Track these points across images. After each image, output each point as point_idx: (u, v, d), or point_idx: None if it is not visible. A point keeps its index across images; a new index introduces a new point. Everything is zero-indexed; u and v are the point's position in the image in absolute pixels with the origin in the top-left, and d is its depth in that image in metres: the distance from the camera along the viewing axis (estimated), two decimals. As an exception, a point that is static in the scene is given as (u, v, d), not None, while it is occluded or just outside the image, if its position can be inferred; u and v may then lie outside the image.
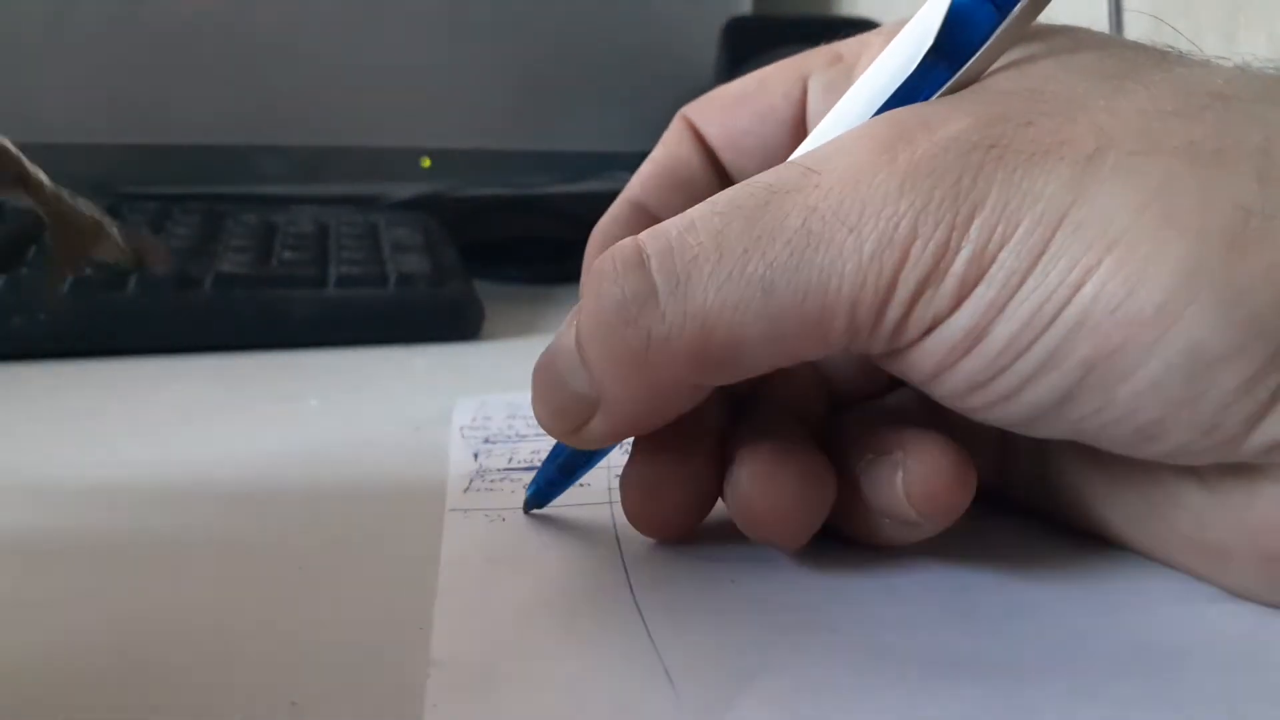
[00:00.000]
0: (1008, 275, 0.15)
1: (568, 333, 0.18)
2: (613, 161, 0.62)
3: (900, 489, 0.18)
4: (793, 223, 0.16)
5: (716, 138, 0.24)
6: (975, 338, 0.16)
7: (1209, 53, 0.18)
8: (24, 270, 0.40)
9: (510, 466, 0.26)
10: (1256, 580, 0.18)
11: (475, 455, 0.27)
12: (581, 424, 0.18)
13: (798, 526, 0.19)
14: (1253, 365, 0.15)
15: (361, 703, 0.16)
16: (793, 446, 0.19)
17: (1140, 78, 0.17)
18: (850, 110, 0.18)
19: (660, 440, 0.20)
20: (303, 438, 0.29)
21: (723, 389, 0.19)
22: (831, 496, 0.19)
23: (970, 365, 0.16)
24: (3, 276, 0.39)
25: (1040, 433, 0.17)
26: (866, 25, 0.58)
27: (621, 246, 0.17)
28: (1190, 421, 0.15)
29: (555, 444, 0.22)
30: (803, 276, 0.16)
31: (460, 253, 0.50)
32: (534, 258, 0.58)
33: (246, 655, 0.17)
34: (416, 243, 0.50)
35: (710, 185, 0.24)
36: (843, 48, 0.23)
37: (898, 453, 0.18)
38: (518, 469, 0.26)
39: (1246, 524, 0.17)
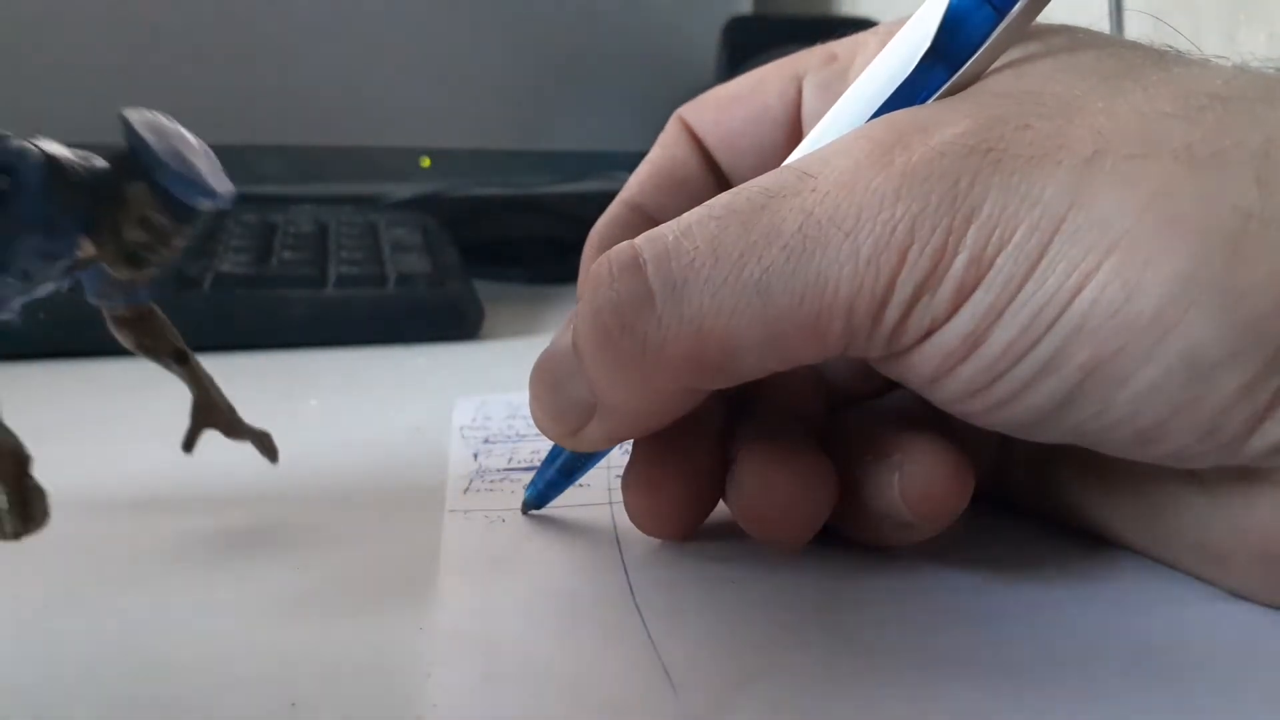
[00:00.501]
0: (1006, 279, 0.15)
1: (565, 336, 0.18)
2: (612, 161, 0.62)
3: (897, 492, 0.18)
4: (789, 227, 0.16)
5: (712, 138, 0.24)
6: (974, 342, 0.16)
7: (1209, 52, 0.18)
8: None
9: (510, 467, 0.26)
10: (1257, 582, 0.17)
11: (475, 455, 0.27)
12: (579, 427, 0.18)
13: (799, 526, 0.19)
14: (1252, 369, 0.15)
15: (361, 703, 0.16)
16: (794, 446, 0.19)
17: (1139, 78, 0.17)
18: (847, 113, 0.18)
19: (661, 440, 0.20)
20: (302, 438, 0.29)
21: (723, 389, 0.19)
22: (833, 496, 0.19)
23: (969, 370, 0.16)
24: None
25: (1040, 437, 0.17)
26: (866, 25, 0.58)
27: (618, 251, 0.17)
28: (1190, 425, 0.15)
29: (553, 445, 0.22)
30: (799, 281, 0.16)
31: (460, 252, 0.50)
32: (533, 257, 0.59)
33: (246, 655, 0.17)
34: (416, 242, 0.50)
35: (707, 186, 0.24)
36: (837, 47, 0.23)
37: (895, 455, 0.18)
38: (518, 469, 0.26)
39: (1247, 527, 0.17)
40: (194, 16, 0.55)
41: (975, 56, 0.17)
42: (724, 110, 0.24)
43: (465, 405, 0.31)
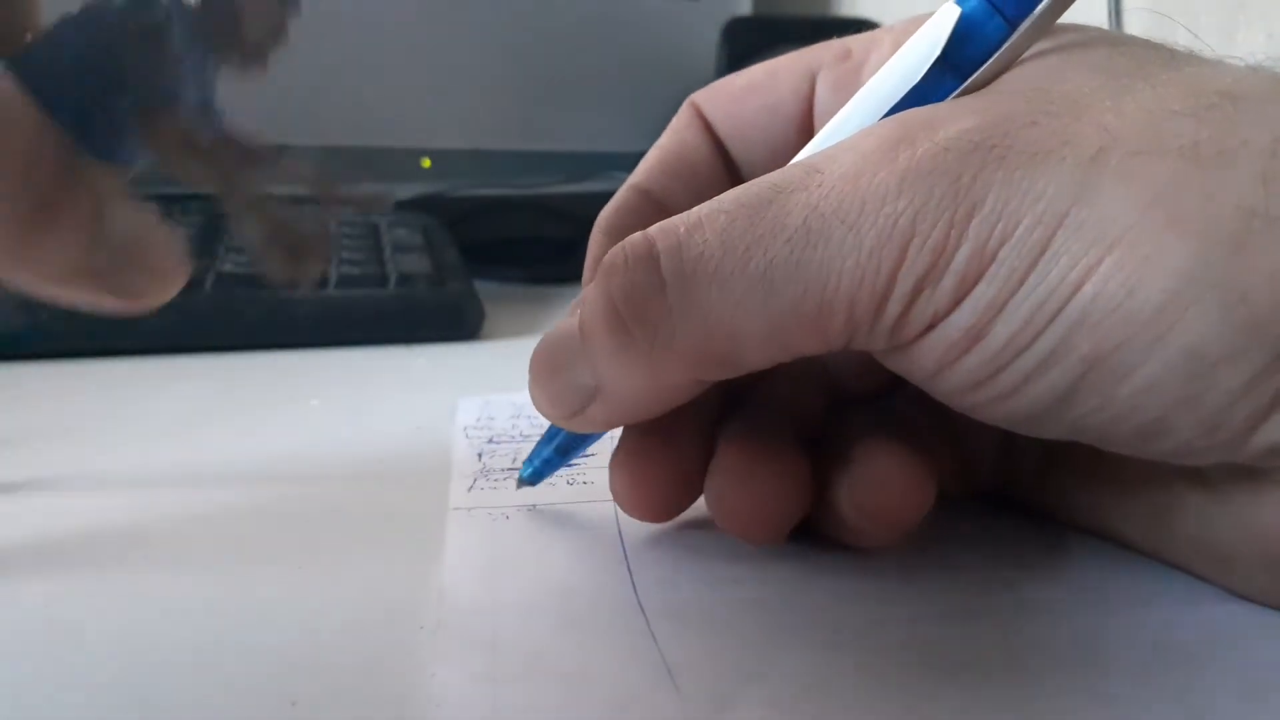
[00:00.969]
0: (1008, 273, 0.15)
1: (570, 320, 0.19)
2: (613, 161, 0.62)
3: (846, 496, 0.19)
4: (794, 220, 0.16)
5: (724, 127, 0.24)
6: (976, 335, 0.16)
7: (1207, 50, 0.18)
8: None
9: (514, 466, 0.26)
10: (1262, 583, 0.17)
11: (479, 455, 0.27)
12: (578, 410, 0.19)
13: (769, 525, 0.19)
14: (1254, 366, 0.15)
15: (362, 703, 0.16)
16: (774, 445, 0.19)
17: (1148, 76, 0.17)
18: (856, 114, 0.19)
19: (651, 425, 0.20)
20: (304, 437, 0.29)
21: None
22: (805, 499, 0.19)
23: (971, 362, 0.16)
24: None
25: (1042, 432, 0.17)
26: (865, 25, 0.58)
27: (633, 241, 0.18)
28: (1191, 421, 0.15)
29: (550, 425, 0.22)
30: (802, 273, 0.16)
31: (460, 252, 0.50)
32: (534, 258, 0.59)
33: (246, 655, 0.17)
34: (417, 243, 0.50)
35: (717, 173, 0.24)
36: (853, 43, 0.23)
37: (854, 459, 0.19)
38: (521, 469, 0.26)
39: (1251, 527, 0.17)
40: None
41: (984, 68, 0.17)
42: (737, 101, 0.24)
43: (469, 405, 0.31)
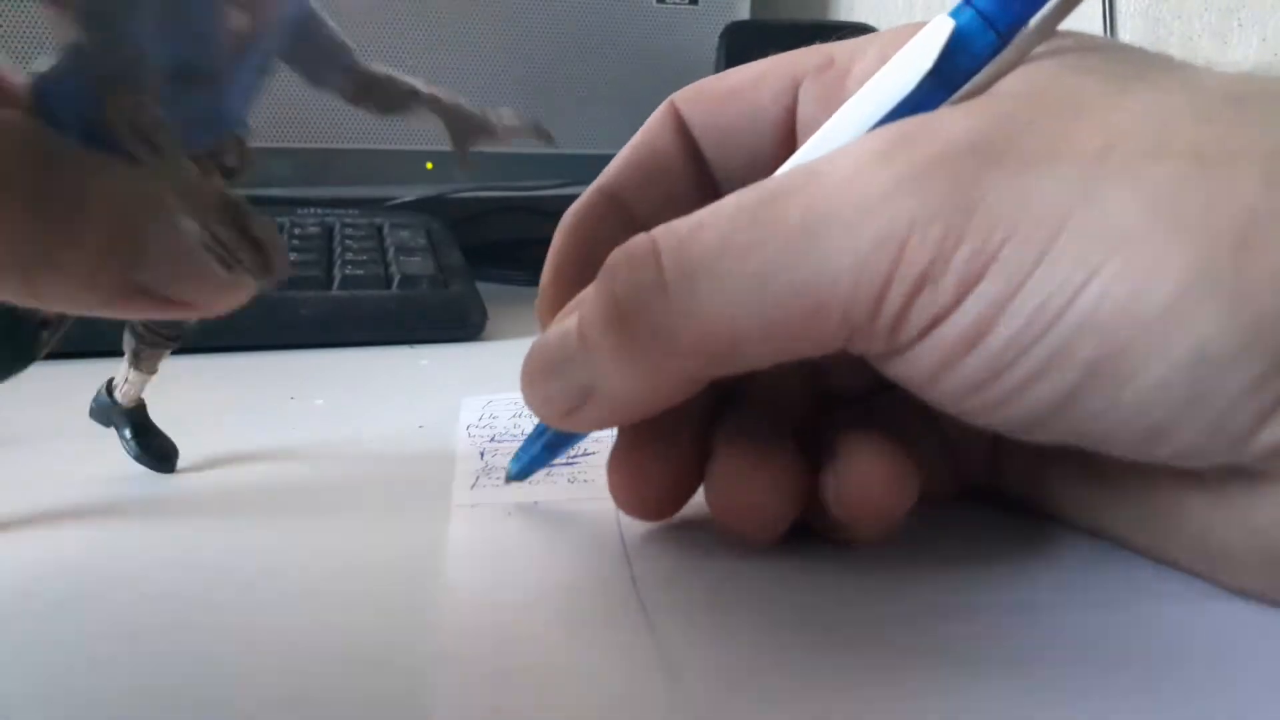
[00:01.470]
0: (1012, 272, 0.15)
1: (566, 320, 0.19)
2: (614, 164, 0.62)
3: (831, 492, 0.19)
4: (793, 221, 0.16)
5: (702, 130, 0.24)
6: (977, 335, 0.16)
7: (1201, 56, 0.18)
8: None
9: (515, 464, 0.26)
10: (1260, 581, 0.17)
11: (482, 454, 0.27)
12: (571, 411, 0.19)
13: (766, 525, 0.20)
14: (1259, 367, 0.14)
15: (364, 702, 0.16)
16: (770, 445, 0.20)
17: (1149, 79, 0.17)
18: (846, 123, 0.18)
19: (647, 424, 0.20)
20: (308, 437, 0.30)
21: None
22: (801, 498, 0.20)
23: (972, 364, 0.16)
24: None
25: (1039, 437, 0.17)
26: (862, 30, 0.58)
27: (637, 241, 0.18)
28: (1196, 423, 0.15)
29: (538, 423, 0.22)
30: (799, 274, 0.16)
31: (463, 254, 0.51)
32: (536, 259, 0.59)
33: (252, 649, 0.17)
34: (420, 244, 0.50)
35: (689, 178, 0.24)
36: (836, 51, 0.22)
37: (839, 456, 0.19)
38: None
39: (1249, 526, 0.17)
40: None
41: (975, 79, 0.17)
42: (719, 103, 0.24)
43: (471, 404, 0.32)
